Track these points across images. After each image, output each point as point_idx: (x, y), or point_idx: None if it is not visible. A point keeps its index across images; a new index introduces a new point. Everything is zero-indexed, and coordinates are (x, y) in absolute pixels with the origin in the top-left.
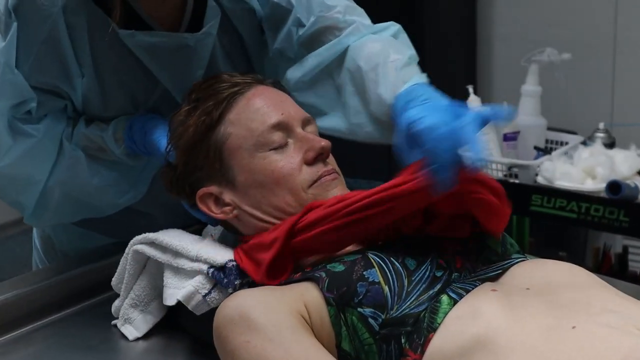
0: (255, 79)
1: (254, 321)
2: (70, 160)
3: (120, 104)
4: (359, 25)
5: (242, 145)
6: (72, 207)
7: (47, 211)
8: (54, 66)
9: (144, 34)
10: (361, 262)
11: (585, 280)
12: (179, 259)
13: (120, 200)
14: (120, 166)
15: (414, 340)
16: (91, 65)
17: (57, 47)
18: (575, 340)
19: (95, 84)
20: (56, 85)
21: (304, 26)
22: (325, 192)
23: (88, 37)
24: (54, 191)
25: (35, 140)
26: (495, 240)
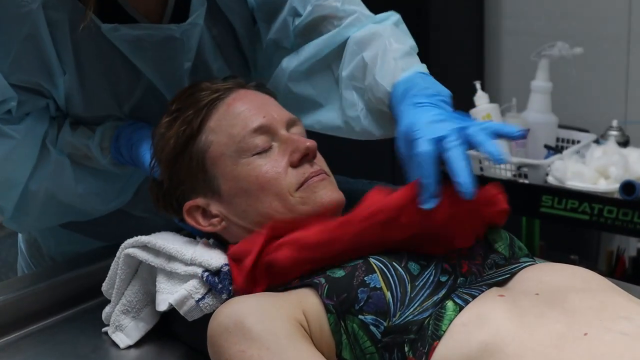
0: (236, 83)
1: (250, 330)
2: (54, 166)
3: (104, 102)
4: (360, 15)
5: (224, 152)
6: (55, 211)
7: (28, 215)
8: (34, 64)
9: (127, 27)
10: (362, 267)
11: (597, 285)
12: (173, 263)
13: (106, 207)
14: (107, 174)
15: (418, 349)
16: (73, 62)
17: (37, 45)
18: (587, 348)
19: (76, 81)
20: (37, 83)
21: (300, 15)
22: (314, 194)
23: (69, 33)
24: (36, 195)
25: (15, 142)
26: (503, 245)
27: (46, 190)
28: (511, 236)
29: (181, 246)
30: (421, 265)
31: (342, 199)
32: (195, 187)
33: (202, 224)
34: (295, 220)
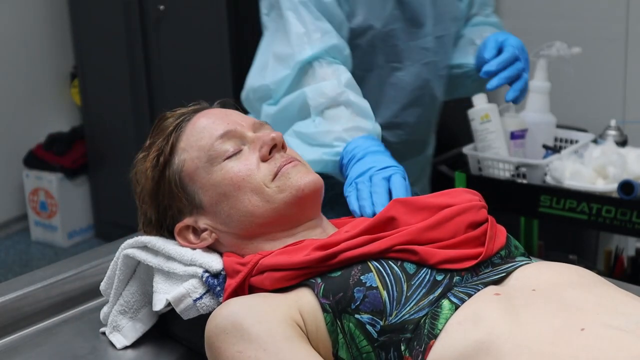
0: (200, 106)
1: (247, 330)
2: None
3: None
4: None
5: (198, 165)
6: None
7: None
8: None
9: None
10: (358, 267)
11: (594, 282)
12: (172, 263)
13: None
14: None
15: (414, 348)
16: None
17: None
18: (584, 343)
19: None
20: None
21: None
22: (289, 180)
23: None
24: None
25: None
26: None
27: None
28: (508, 235)
29: (181, 247)
30: (417, 264)
31: (319, 179)
32: (180, 209)
33: (194, 242)
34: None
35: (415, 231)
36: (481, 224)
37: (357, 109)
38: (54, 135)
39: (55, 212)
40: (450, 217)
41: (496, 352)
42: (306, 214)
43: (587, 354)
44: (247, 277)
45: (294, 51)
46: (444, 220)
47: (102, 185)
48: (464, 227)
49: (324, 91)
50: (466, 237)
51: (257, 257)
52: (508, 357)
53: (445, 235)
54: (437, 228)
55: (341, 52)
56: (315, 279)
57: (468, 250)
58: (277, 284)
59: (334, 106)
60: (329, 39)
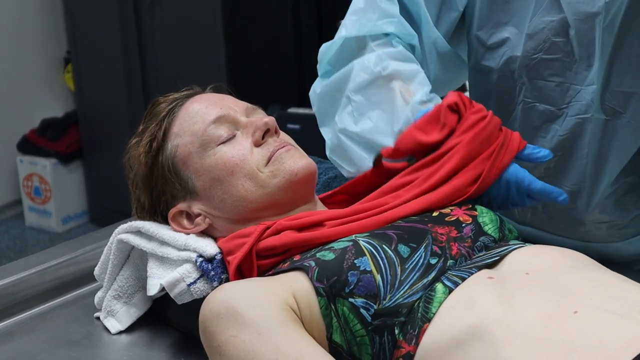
0: (193, 91)
1: (242, 315)
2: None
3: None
4: None
5: (191, 151)
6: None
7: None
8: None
9: None
10: (352, 250)
11: (587, 265)
12: (165, 248)
13: None
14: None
15: (408, 331)
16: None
17: None
18: (577, 326)
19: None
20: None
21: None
22: (282, 164)
23: None
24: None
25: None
26: (493, 227)
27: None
28: (501, 218)
29: (174, 233)
30: (411, 247)
31: (313, 164)
32: (174, 194)
33: (188, 227)
34: (276, 203)
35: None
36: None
37: (406, 76)
38: (47, 121)
39: (49, 197)
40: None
41: (489, 336)
42: (300, 198)
43: (580, 338)
44: (254, 244)
45: (345, 23)
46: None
47: (96, 170)
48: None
49: (366, 66)
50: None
51: (261, 225)
52: (501, 341)
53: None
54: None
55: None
56: (309, 263)
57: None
58: (299, 243)
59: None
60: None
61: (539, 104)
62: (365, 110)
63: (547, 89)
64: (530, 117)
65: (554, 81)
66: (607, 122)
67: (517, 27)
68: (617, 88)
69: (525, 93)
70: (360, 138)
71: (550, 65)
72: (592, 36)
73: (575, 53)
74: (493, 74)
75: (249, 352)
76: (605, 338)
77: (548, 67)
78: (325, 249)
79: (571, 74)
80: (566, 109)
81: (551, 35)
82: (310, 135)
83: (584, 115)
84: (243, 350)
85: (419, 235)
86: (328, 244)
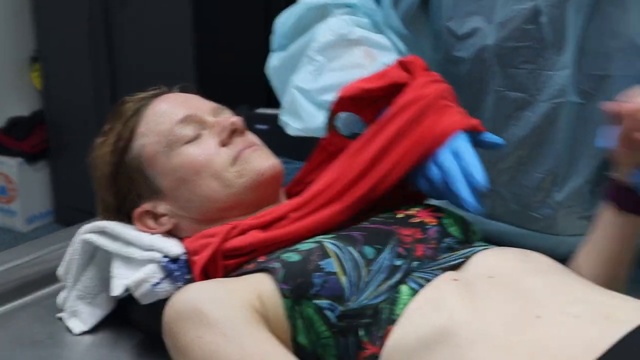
0: (160, 90)
1: (207, 316)
2: None
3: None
4: None
5: (157, 150)
6: None
7: None
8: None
9: None
10: (318, 252)
11: (551, 268)
12: (130, 248)
13: None
14: None
15: (373, 333)
16: None
17: None
18: (540, 330)
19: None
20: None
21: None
22: (249, 164)
23: None
24: None
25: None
26: (457, 228)
27: None
28: (466, 220)
29: (140, 232)
30: (376, 249)
31: (279, 164)
32: (140, 194)
33: (153, 227)
34: (242, 203)
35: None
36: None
37: (373, 44)
38: (14, 120)
39: (14, 197)
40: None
41: (456, 338)
42: (266, 198)
43: (542, 342)
44: (220, 245)
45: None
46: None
47: (62, 170)
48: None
49: (332, 28)
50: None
51: (227, 225)
52: (465, 343)
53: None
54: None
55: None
56: (274, 264)
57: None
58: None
59: (344, 45)
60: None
61: (511, 92)
62: (325, 71)
63: (519, 77)
64: (502, 105)
65: (526, 68)
66: (582, 105)
67: (487, 16)
68: (590, 71)
69: (496, 82)
70: (314, 94)
71: (522, 53)
72: (564, 21)
73: (546, 39)
74: (465, 64)
75: (213, 353)
76: (568, 341)
77: (520, 55)
78: (290, 250)
79: (543, 60)
80: (538, 95)
81: (522, 23)
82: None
83: (557, 100)
84: (208, 351)
85: (384, 237)
86: (294, 244)
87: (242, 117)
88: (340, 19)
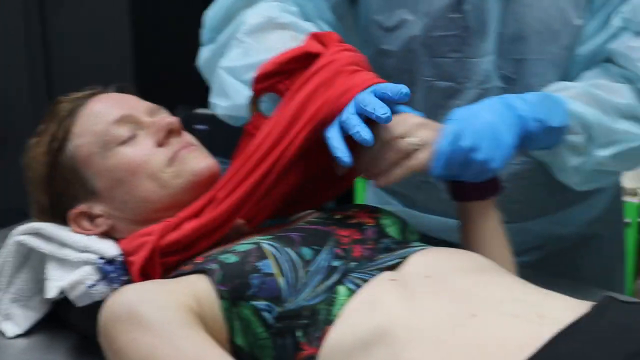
0: (95, 90)
1: (142, 317)
2: None
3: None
4: None
5: (92, 151)
6: None
7: None
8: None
9: None
10: (255, 253)
11: (488, 268)
12: (65, 250)
13: None
14: None
15: (310, 334)
16: None
17: None
18: (475, 329)
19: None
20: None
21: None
22: (185, 165)
23: None
24: None
25: None
26: (395, 229)
27: None
28: (404, 220)
29: (74, 234)
30: (314, 250)
31: (216, 164)
32: (75, 195)
33: (88, 229)
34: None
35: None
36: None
37: (301, 29)
38: None
39: None
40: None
41: (393, 338)
42: None
43: (478, 341)
44: (157, 243)
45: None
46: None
47: None
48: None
49: (261, 12)
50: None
51: (163, 223)
52: (403, 342)
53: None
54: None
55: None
56: (212, 266)
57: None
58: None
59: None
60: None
61: (439, 81)
62: (252, 51)
63: (447, 65)
64: (431, 95)
65: (453, 57)
66: (504, 90)
67: (414, 7)
68: (510, 56)
69: (425, 72)
70: (240, 72)
71: (448, 42)
72: (486, 8)
73: (470, 27)
74: (393, 57)
75: (149, 355)
76: (503, 340)
77: (446, 44)
78: (228, 251)
79: (468, 47)
80: (466, 82)
81: (447, 12)
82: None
83: (483, 86)
84: (143, 353)
85: (322, 238)
86: (231, 245)
87: (181, 117)
88: (270, 4)
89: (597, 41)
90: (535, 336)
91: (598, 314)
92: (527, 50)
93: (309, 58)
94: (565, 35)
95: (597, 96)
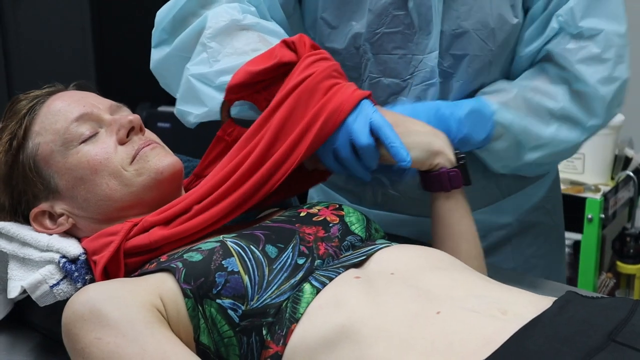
0: (55, 88)
1: (106, 316)
2: None
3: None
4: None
5: (53, 149)
6: None
7: None
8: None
9: None
10: (220, 251)
11: (451, 265)
12: (27, 249)
13: None
14: None
15: (276, 332)
16: None
17: None
18: (440, 326)
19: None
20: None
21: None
22: (147, 162)
23: None
24: None
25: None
26: (359, 226)
27: None
28: (368, 218)
29: (36, 233)
30: (279, 248)
31: (178, 162)
32: (36, 194)
33: (50, 227)
34: (142, 201)
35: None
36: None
37: (266, 30)
38: None
39: None
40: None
41: (357, 335)
42: (166, 197)
43: (442, 337)
44: (121, 243)
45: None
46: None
47: None
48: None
49: (224, 14)
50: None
51: (128, 223)
52: (367, 340)
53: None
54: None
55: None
56: (176, 264)
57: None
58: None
59: (237, 30)
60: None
61: (384, 77)
62: (221, 55)
63: (392, 62)
64: (376, 91)
65: (397, 54)
66: (441, 84)
67: (359, 4)
68: (451, 51)
69: (370, 68)
70: (211, 78)
71: (393, 39)
72: (429, 5)
73: (415, 24)
74: (339, 54)
75: (113, 354)
76: (467, 336)
77: (391, 41)
78: (192, 249)
79: (413, 44)
80: (410, 79)
81: (392, 10)
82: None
83: (428, 82)
84: (108, 353)
85: (287, 236)
86: (196, 243)
87: (143, 115)
88: (230, 6)
89: (538, 43)
90: (499, 332)
91: (560, 309)
92: (466, 47)
93: (283, 66)
94: (501, 33)
95: (531, 100)
